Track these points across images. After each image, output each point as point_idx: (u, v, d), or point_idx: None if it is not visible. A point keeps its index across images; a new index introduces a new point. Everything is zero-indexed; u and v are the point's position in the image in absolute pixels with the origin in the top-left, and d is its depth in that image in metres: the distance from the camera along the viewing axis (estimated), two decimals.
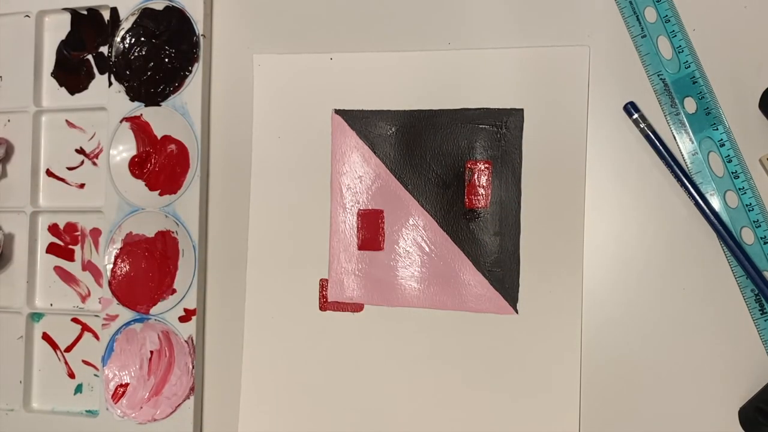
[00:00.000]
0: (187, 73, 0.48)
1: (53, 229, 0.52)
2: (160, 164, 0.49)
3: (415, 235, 0.45)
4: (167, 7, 0.48)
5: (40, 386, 0.51)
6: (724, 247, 0.40)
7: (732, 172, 0.40)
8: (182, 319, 0.47)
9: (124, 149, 0.49)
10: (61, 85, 0.52)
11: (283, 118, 0.47)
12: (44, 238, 0.52)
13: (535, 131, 0.43)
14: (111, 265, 0.49)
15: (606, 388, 0.41)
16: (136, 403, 0.48)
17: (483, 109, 0.44)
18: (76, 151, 0.51)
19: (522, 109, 0.43)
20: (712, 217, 0.40)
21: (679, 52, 0.41)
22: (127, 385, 0.48)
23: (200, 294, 0.48)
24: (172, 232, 0.48)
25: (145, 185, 0.49)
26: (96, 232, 0.51)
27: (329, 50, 0.46)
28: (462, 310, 0.44)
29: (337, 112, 0.46)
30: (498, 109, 0.43)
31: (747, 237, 0.40)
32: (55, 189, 0.52)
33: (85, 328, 0.50)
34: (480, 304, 0.43)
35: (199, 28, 0.48)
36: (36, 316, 0.51)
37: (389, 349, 0.45)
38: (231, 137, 0.48)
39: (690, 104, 0.41)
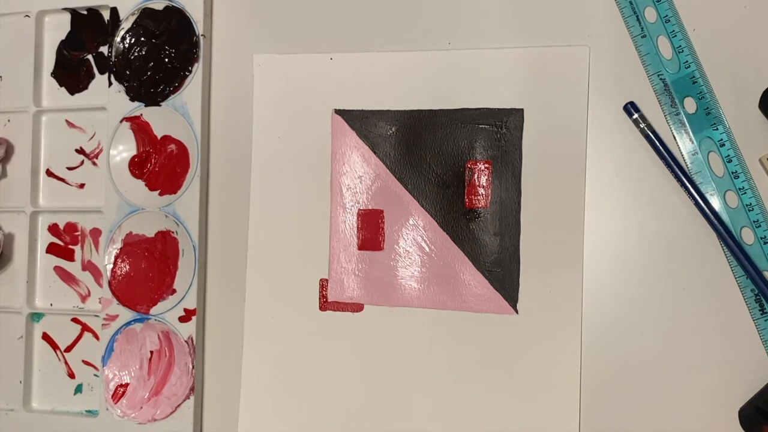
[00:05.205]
0: (187, 73, 0.48)
1: (53, 229, 0.52)
2: (160, 164, 0.49)
3: (415, 235, 0.45)
4: (167, 7, 0.48)
5: (40, 386, 0.51)
6: (724, 247, 0.40)
7: (732, 172, 0.40)
8: (182, 319, 0.47)
9: (124, 149, 0.49)
10: (61, 85, 0.52)
11: (283, 118, 0.47)
12: (44, 238, 0.52)
13: (535, 131, 0.43)
14: (111, 265, 0.49)
15: (606, 388, 0.41)
16: (136, 403, 0.48)
17: (483, 109, 0.44)
18: (76, 151, 0.51)
19: (522, 109, 0.43)
20: (712, 217, 0.40)
21: (679, 52, 0.41)
22: (127, 385, 0.48)
23: (200, 294, 0.48)
24: (172, 232, 0.48)
25: (145, 185, 0.49)
26: (96, 232, 0.51)
27: (329, 50, 0.46)
28: (462, 310, 0.44)
29: (337, 112, 0.46)
30: (498, 109, 0.43)
31: (747, 237, 0.40)
32: (55, 189, 0.52)
33: (85, 328, 0.50)
34: (480, 304, 0.43)
35: (199, 28, 0.48)
36: (36, 316, 0.51)
37: (389, 349, 0.45)
38: (231, 137, 0.48)
39: (690, 104, 0.41)
